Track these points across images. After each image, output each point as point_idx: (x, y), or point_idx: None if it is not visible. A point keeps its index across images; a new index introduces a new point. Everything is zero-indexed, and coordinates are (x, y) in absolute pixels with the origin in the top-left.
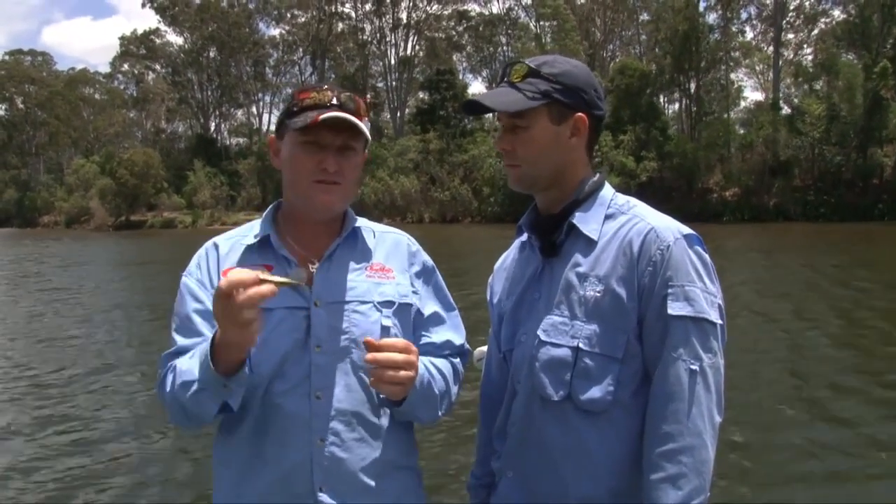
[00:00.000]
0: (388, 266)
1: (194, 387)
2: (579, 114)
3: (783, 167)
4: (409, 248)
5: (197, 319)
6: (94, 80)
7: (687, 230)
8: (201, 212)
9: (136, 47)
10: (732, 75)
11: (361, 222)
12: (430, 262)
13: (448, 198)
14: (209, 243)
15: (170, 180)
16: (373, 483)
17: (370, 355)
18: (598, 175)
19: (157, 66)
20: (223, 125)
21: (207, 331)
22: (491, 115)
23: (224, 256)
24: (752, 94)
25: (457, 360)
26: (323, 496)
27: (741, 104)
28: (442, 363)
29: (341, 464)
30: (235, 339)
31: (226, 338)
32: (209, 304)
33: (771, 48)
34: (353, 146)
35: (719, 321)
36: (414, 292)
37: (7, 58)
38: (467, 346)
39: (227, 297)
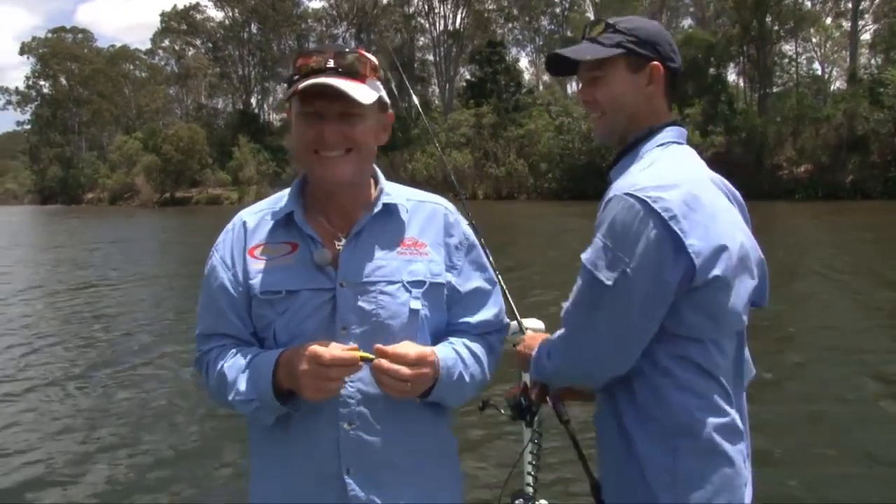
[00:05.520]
0: (422, 241)
1: (255, 405)
2: (654, 62)
3: (860, 142)
4: (446, 219)
5: (219, 297)
6: (135, 56)
7: (640, 191)
8: (247, 188)
9: (177, 23)
10: (787, 47)
11: (396, 192)
12: (470, 233)
13: (503, 173)
14: (237, 218)
15: (213, 156)
16: (402, 467)
17: (377, 362)
18: (648, 128)
19: (198, 42)
20: (266, 101)
21: (227, 309)
22: (544, 89)
23: (251, 232)
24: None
25: (493, 338)
26: (350, 479)
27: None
28: (476, 345)
29: (368, 448)
30: (308, 396)
31: (300, 392)
32: (229, 284)
33: (829, 19)
34: (356, 112)
35: (605, 280)
36: (450, 268)
37: (50, 35)
38: (507, 320)
39: (325, 366)
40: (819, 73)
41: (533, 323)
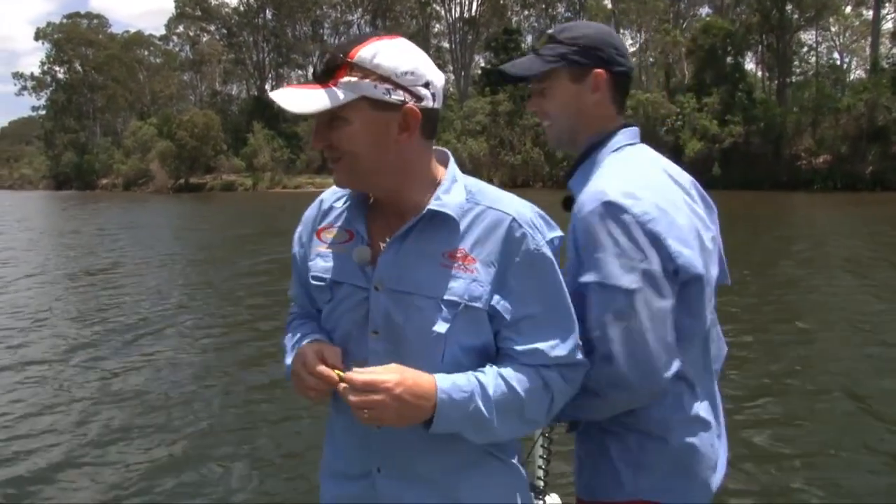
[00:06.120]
0: (473, 255)
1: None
2: (597, 70)
3: (881, 133)
4: (509, 233)
5: (294, 270)
6: (150, 42)
7: (615, 198)
8: (261, 174)
9: (192, 9)
10: (805, 36)
11: (455, 196)
12: (540, 250)
13: (519, 161)
14: (319, 196)
15: (228, 143)
16: (436, 472)
17: (338, 386)
18: (598, 134)
19: (212, 28)
20: (280, 87)
21: (298, 283)
22: None
23: (324, 212)
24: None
25: (551, 373)
26: (381, 478)
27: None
28: (520, 376)
29: (397, 449)
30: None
31: None
32: (299, 260)
33: (849, 8)
34: (339, 115)
35: (630, 285)
36: (500, 289)
37: (65, 20)
38: (579, 356)
39: (306, 374)
40: (837, 62)
41: None
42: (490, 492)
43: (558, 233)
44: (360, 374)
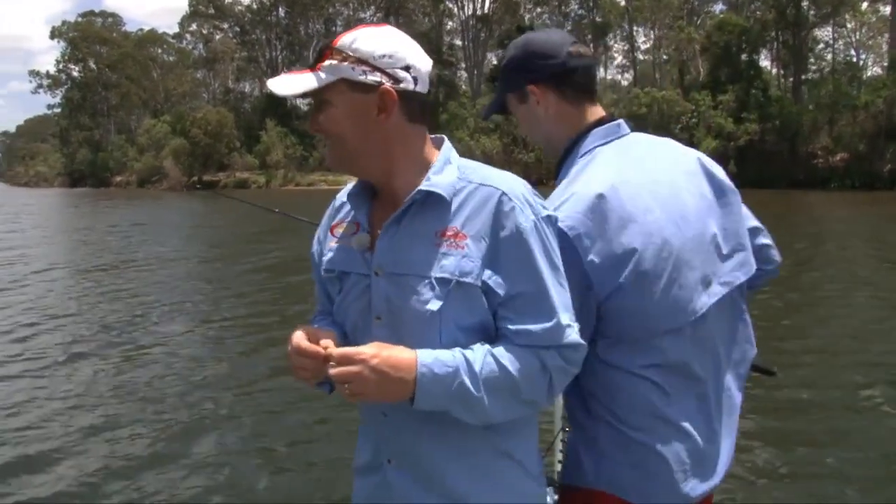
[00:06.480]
0: (465, 231)
1: None
2: (529, 86)
3: None
4: (498, 207)
5: (314, 268)
6: (163, 40)
7: (549, 210)
8: (274, 172)
9: (205, 7)
10: (820, 33)
11: (446, 177)
12: (527, 225)
13: (532, 159)
14: (337, 194)
15: (241, 140)
16: (443, 464)
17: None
18: (571, 137)
19: (225, 26)
20: None
21: (317, 281)
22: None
23: (338, 208)
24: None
25: (547, 353)
26: (391, 469)
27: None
28: (511, 356)
29: (406, 441)
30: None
31: None
32: (316, 257)
33: (866, 4)
34: (323, 99)
35: None
36: (491, 265)
37: (80, 19)
38: (573, 337)
39: (296, 356)
40: (854, 59)
41: None
42: (497, 490)
43: (552, 211)
44: (338, 348)
